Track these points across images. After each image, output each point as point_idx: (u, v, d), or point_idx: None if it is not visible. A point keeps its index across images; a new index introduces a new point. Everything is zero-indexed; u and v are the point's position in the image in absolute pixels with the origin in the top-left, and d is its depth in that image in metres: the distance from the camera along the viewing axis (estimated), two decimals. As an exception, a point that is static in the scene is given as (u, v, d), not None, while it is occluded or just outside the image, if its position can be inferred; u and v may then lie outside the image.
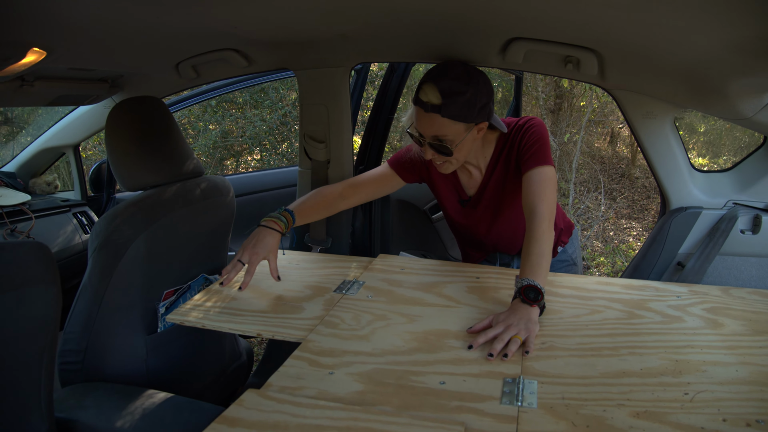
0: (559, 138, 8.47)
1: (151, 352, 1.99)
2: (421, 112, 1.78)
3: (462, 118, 1.76)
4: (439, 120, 1.75)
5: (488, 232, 2.15)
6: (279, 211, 1.97)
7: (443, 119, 1.75)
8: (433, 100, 1.73)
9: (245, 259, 1.83)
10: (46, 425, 1.41)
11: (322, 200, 2.09)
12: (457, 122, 1.76)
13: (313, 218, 2.10)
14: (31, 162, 3.26)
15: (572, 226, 2.34)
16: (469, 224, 2.16)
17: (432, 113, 1.75)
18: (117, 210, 1.84)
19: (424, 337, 1.51)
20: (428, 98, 1.74)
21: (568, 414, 1.15)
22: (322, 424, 1.11)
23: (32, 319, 1.30)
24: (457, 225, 2.24)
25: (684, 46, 1.65)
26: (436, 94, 1.73)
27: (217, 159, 8.01)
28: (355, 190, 2.13)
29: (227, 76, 2.74)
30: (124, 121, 1.96)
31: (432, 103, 1.74)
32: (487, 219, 2.11)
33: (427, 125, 1.79)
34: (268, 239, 1.87)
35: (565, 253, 2.31)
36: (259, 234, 1.89)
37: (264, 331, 1.59)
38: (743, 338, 1.48)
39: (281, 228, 1.92)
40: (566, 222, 2.30)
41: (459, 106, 1.74)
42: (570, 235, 2.32)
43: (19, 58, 1.65)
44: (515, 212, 2.05)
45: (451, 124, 1.76)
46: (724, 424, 1.11)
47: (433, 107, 1.74)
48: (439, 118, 1.75)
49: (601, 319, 1.60)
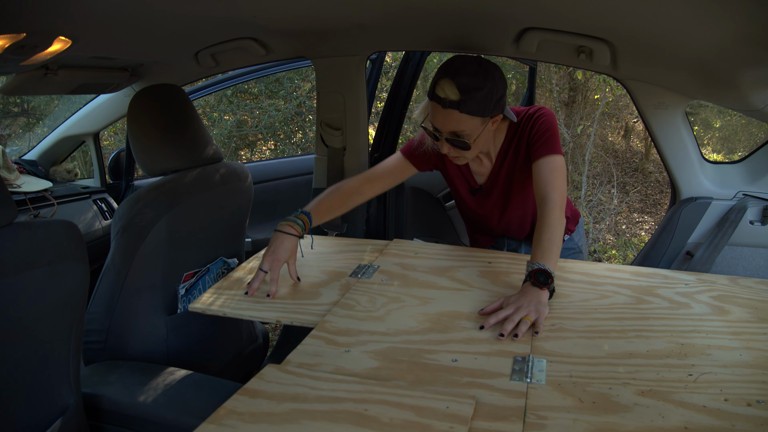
0: (572, 130, 8.45)
1: (171, 332, 2.05)
2: (438, 108, 1.78)
3: (480, 113, 1.76)
4: (457, 116, 1.76)
5: (499, 220, 2.17)
6: (295, 214, 1.94)
7: (461, 115, 1.75)
8: (451, 97, 1.73)
9: (266, 267, 1.80)
10: (74, 398, 1.47)
11: (338, 198, 2.07)
12: (475, 117, 1.77)
13: (330, 217, 2.06)
14: (52, 150, 3.30)
15: (578, 215, 2.36)
16: (481, 212, 2.19)
17: (450, 109, 1.75)
18: (140, 194, 1.89)
19: (437, 318, 1.55)
20: (446, 94, 1.74)
21: (575, 391, 1.19)
22: (339, 396, 1.15)
23: (63, 294, 1.35)
24: (468, 212, 2.27)
25: (695, 36, 1.67)
26: (455, 91, 1.72)
27: (232, 149, 8.04)
28: (371, 185, 2.12)
29: (245, 64, 2.78)
30: (146, 108, 2.01)
31: (450, 99, 1.73)
32: (499, 206, 2.13)
33: (444, 121, 1.79)
34: (286, 244, 1.85)
35: (572, 241, 2.33)
36: (276, 240, 1.86)
37: (282, 317, 1.63)
38: (749, 325, 1.51)
39: (298, 231, 1.89)
40: (573, 210, 2.32)
41: (477, 101, 1.74)
42: (576, 223, 2.34)
43: (46, 47, 1.68)
44: (525, 200, 2.08)
45: (468, 120, 1.77)
46: (726, 404, 1.14)
47: (451, 103, 1.74)
48: (457, 114, 1.75)
49: (610, 303, 1.64)
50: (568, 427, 1.07)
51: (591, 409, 1.13)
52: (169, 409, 1.63)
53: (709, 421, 1.09)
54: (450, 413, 1.08)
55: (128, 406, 1.64)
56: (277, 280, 1.79)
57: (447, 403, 1.11)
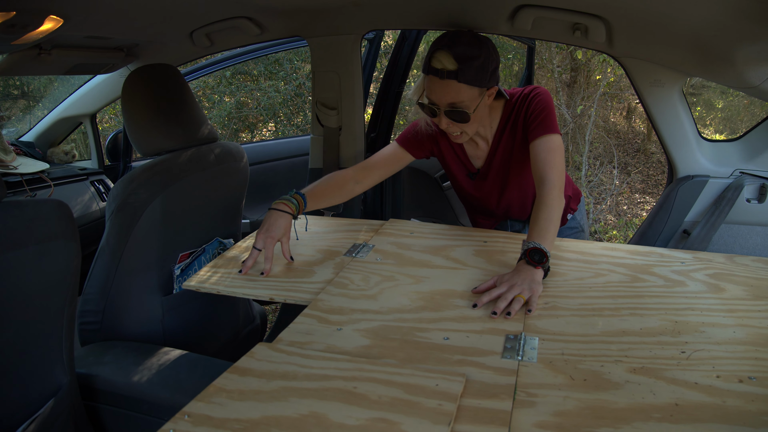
0: (573, 110, 8.42)
1: (167, 313, 2.05)
2: (435, 81, 1.78)
3: (477, 83, 1.77)
4: (455, 86, 1.76)
5: (498, 202, 2.17)
6: (291, 194, 1.94)
7: (460, 84, 1.76)
8: (448, 66, 1.74)
9: (260, 245, 1.80)
10: (68, 377, 1.48)
11: (334, 184, 2.07)
12: (473, 87, 1.77)
13: (325, 203, 2.06)
14: (49, 132, 3.30)
15: (580, 194, 2.35)
16: (479, 195, 2.18)
17: (448, 80, 1.75)
18: (133, 174, 1.88)
19: (430, 296, 1.55)
20: (443, 65, 1.75)
21: (566, 368, 1.19)
22: (329, 374, 1.15)
23: (54, 273, 1.35)
24: (467, 196, 2.26)
25: (690, 12, 1.65)
26: (451, 60, 1.73)
27: (232, 130, 8.03)
28: (367, 173, 2.12)
29: (241, 44, 2.76)
30: (140, 87, 1.99)
31: (448, 69, 1.74)
32: (497, 189, 2.13)
33: (443, 92, 1.79)
34: (280, 222, 1.85)
35: (574, 220, 2.32)
36: (270, 218, 1.86)
37: (276, 295, 1.63)
38: (743, 302, 1.50)
39: (292, 210, 1.89)
40: (574, 189, 2.31)
41: (474, 70, 1.75)
42: (578, 202, 2.33)
43: (37, 26, 1.67)
44: (524, 180, 2.07)
45: (467, 89, 1.77)
46: (717, 380, 1.14)
47: (449, 73, 1.74)
48: (455, 84, 1.76)
49: (605, 282, 1.63)
50: (558, 404, 1.07)
51: (582, 387, 1.13)
52: (163, 388, 1.64)
53: (700, 398, 1.09)
54: (439, 390, 1.08)
55: (123, 385, 1.65)
56: (271, 258, 1.79)
57: (437, 381, 1.11)
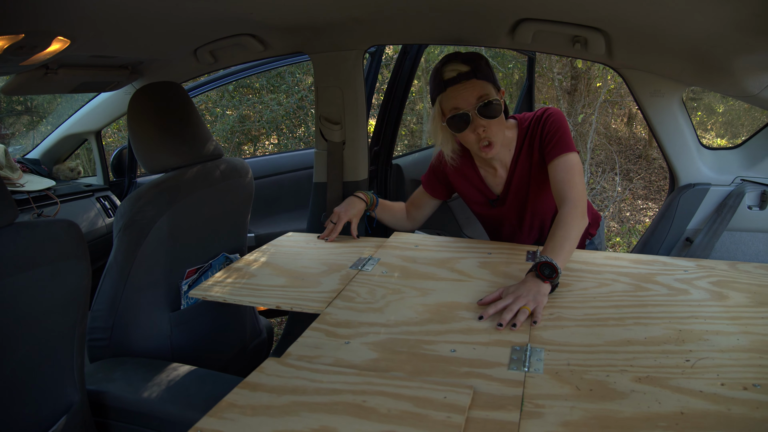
0: (573, 119, 8.43)
1: (174, 328, 2.06)
2: (456, 88, 1.85)
3: (492, 80, 1.87)
4: (476, 82, 1.85)
5: (519, 225, 2.18)
6: (371, 191, 2.28)
7: (479, 81, 1.85)
8: (463, 69, 1.83)
9: (335, 219, 2.16)
10: (79, 395, 1.49)
11: (399, 209, 2.36)
12: (490, 83, 1.86)
13: (388, 218, 2.32)
14: (55, 148, 3.32)
15: (599, 218, 2.35)
16: (499, 219, 2.20)
17: (468, 80, 1.84)
18: (140, 191, 1.90)
19: (436, 309, 1.56)
20: (458, 70, 1.84)
21: (572, 379, 1.21)
22: (338, 388, 1.17)
23: (65, 292, 1.37)
24: (486, 221, 2.30)
25: (688, 24, 1.67)
26: (462, 65, 1.84)
27: (235, 144, 8.07)
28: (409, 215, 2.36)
29: (244, 60, 2.79)
30: (145, 106, 2.01)
31: (464, 72, 1.83)
32: (516, 212, 2.14)
33: (468, 93, 1.86)
34: (356, 202, 2.20)
35: (592, 245, 2.33)
36: (348, 200, 2.23)
37: (282, 303, 1.65)
38: (747, 309, 1.51)
39: (367, 199, 2.23)
40: (594, 214, 2.30)
41: (484, 68, 1.85)
42: (597, 227, 2.33)
43: (45, 47, 1.69)
44: (542, 203, 2.09)
45: (486, 85, 1.86)
46: (722, 388, 1.15)
47: (467, 74, 1.83)
48: (475, 80, 1.84)
49: (609, 291, 1.64)
50: (565, 415, 1.08)
51: (588, 397, 1.14)
52: (172, 404, 1.65)
53: (706, 406, 1.09)
54: (447, 403, 1.10)
55: (132, 402, 1.66)
56: (339, 230, 2.17)
57: (445, 393, 1.13)
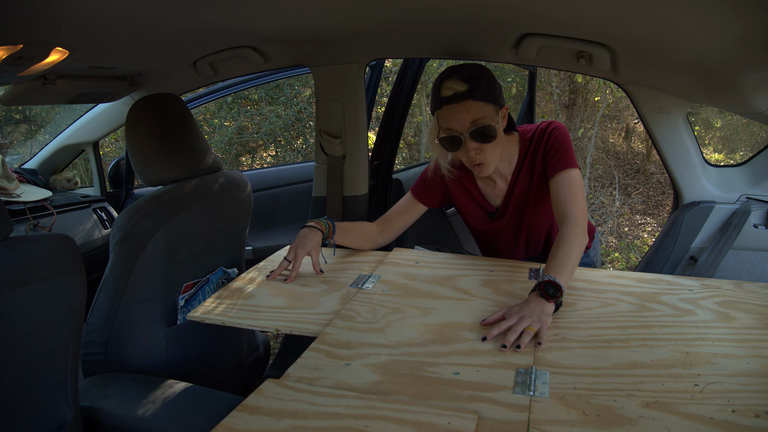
0: (573, 133, 8.44)
1: (170, 343, 2.03)
2: (451, 108, 1.80)
3: (491, 99, 1.80)
4: (472, 104, 1.79)
5: (515, 239, 2.16)
6: (323, 218, 2.07)
7: (476, 102, 1.79)
8: (460, 89, 1.77)
9: (290, 257, 1.94)
10: (72, 412, 1.46)
11: (362, 229, 2.19)
12: (488, 104, 1.80)
13: (349, 241, 2.14)
14: (52, 159, 3.30)
15: (594, 230, 2.33)
16: (495, 233, 2.17)
17: (463, 101, 1.78)
18: (138, 204, 1.88)
19: (438, 329, 1.53)
20: (454, 89, 1.78)
21: (579, 403, 1.18)
22: (339, 412, 1.14)
23: (60, 308, 1.34)
24: (482, 235, 2.26)
25: (694, 40, 1.66)
26: (461, 83, 1.77)
27: (233, 155, 8.06)
28: (387, 225, 2.20)
29: (244, 73, 2.78)
30: (144, 117, 2.00)
31: (461, 92, 1.77)
32: (513, 226, 2.12)
33: (462, 115, 1.80)
34: (311, 235, 1.97)
35: (587, 257, 2.30)
36: (302, 232, 2.00)
37: (282, 326, 1.61)
38: (755, 331, 1.48)
39: (323, 228, 2.01)
40: (589, 226, 2.27)
41: (484, 87, 1.78)
42: (592, 239, 2.31)
43: (43, 58, 1.68)
44: (541, 217, 2.07)
45: (483, 106, 1.80)
46: (733, 415, 1.12)
47: (463, 95, 1.77)
48: (472, 102, 1.78)
49: (613, 311, 1.62)
50: (573, 442, 1.06)
51: (595, 423, 1.11)
52: (167, 422, 1.61)
53: (717, 434, 1.07)
54: (452, 429, 1.07)
55: (127, 419, 1.63)
56: (298, 267, 1.93)
57: (449, 419, 1.10)
